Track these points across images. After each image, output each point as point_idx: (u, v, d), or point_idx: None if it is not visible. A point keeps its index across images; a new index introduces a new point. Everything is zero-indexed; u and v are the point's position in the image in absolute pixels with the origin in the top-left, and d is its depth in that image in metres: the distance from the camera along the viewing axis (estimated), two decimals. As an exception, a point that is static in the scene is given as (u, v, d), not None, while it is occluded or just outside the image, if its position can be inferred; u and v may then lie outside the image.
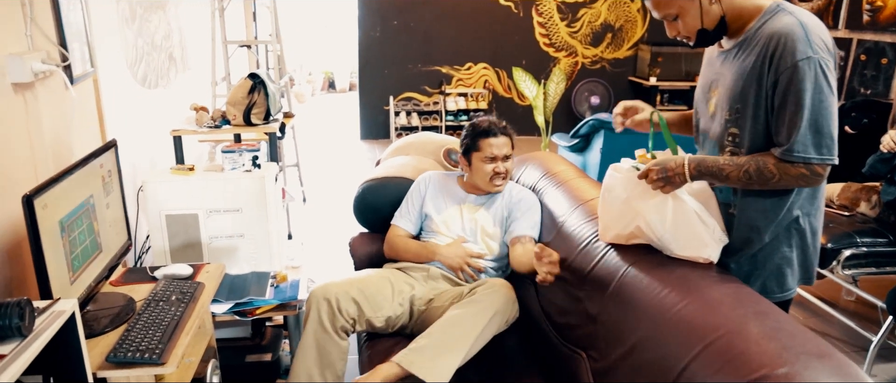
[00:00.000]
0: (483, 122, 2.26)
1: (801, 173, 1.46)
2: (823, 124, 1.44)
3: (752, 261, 1.66)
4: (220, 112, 2.64)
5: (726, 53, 1.61)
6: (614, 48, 7.16)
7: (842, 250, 2.55)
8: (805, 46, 1.42)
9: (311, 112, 9.52)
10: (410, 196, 2.41)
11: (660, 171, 1.58)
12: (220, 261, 2.40)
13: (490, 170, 2.23)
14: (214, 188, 2.33)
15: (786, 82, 1.44)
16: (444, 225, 2.30)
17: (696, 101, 1.79)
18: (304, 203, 4.87)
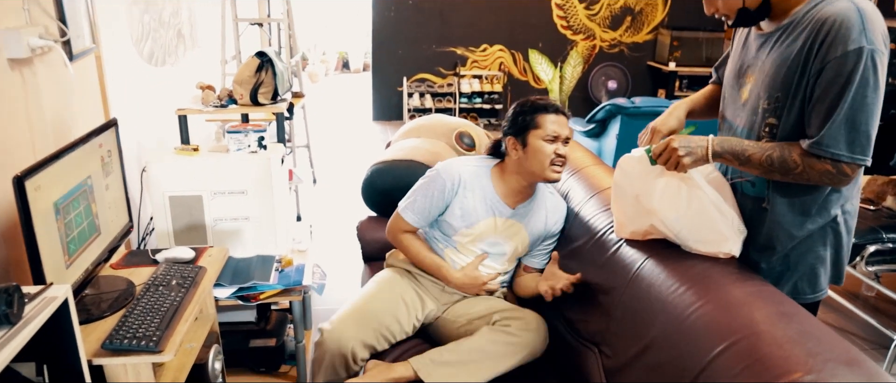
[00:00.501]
0: (538, 99, 1.92)
1: (827, 170, 1.36)
2: (861, 121, 1.32)
3: (784, 260, 1.56)
4: (227, 91, 2.58)
5: (766, 37, 1.49)
6: (633, 32, 7.01)
7: (866, 246, 2.45)
8: (859, 35, 1.29)
9: (324, 92, 9.46)
10: (431, 192, 1.94)
11: (682, 142, 1.48)
12: (225, 243, 2.35)
13: (551, 152, 1.84)
14: (219, 169, 2.28)
15: (832, 72, 1.32)
16: (471, 241, 1.97)
17: (724, 87, 1.69)
18: (315, 184, 4.82)
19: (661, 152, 1.51)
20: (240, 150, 2.32)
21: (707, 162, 1.48)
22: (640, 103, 3.90)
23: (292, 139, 4.08)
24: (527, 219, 1.97)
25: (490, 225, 1.95)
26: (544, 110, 1.86)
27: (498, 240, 1.97)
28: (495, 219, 1.95)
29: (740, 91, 1.57)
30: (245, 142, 2.31)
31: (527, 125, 1.86)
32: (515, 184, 1.94)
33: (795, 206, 1.50)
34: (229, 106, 2.52)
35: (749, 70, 1.54)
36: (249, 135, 2.31)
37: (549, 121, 1.85)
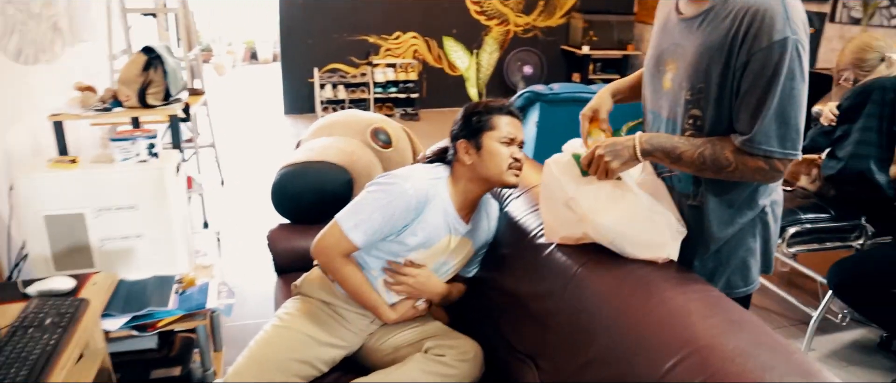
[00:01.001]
0: (490, 101, 1.77)
1: (759, 167, 1.31)
2: (791, 115, 1.28)
3: (716, 257, 1.51)
4: (111, 92, 2.29)
5: (688, 22, 1.41)
6: (547, 16, 7.00)
7: (787, 228, 2.47)
8: (784, 25, 1.24)
9: (231, 85, 9.01)
10: (393, 210, 1.64)
11: (608, 147, 1.40)
12: (114, 265, 2.09)
13: (508, 155, 1.68)
14: (103, 182, 2.01)
15: (758, 65, 1.26)
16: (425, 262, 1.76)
17: (644, 73, 1.61)
18: (223, 186, 4.52)
19: (589, 161, 1.44)
20: (127, 160, 2.06)
21: (636, 161, 1.41)
22: (559, 89, 3.84)
23: (195, 139, 3.78)
24: (475, 233, 1.82)
25: (444, 245, 1.74)
26: (499, 111, 1.72)
27: (447, 260, 1.78)
28: (451, 237, 1.75)
29: (662, 78, 1.50)
30: (132, 151, 2.05)
31: (481, 127, 1.70)
32: (469, 194, 1.75)
33: (725, 201, 1.46)
34: (114, 109, 2.24)
35: (671, 56, 1.46)
36: (137, 142, 2.05)
37: (504, 123, 1.70)
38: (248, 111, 7.06)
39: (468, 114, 1.75)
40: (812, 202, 2.60)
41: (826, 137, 2.61)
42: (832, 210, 2.55)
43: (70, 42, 3.18)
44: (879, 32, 4.37)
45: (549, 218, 1.57)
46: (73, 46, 3.22)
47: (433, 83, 6.86)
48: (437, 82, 6.84)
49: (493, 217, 1.88)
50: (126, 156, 2.05)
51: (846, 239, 2.58)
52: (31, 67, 2.63)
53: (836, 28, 4.90)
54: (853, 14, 4.74)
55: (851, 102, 2.47)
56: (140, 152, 2.06)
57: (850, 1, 4.75)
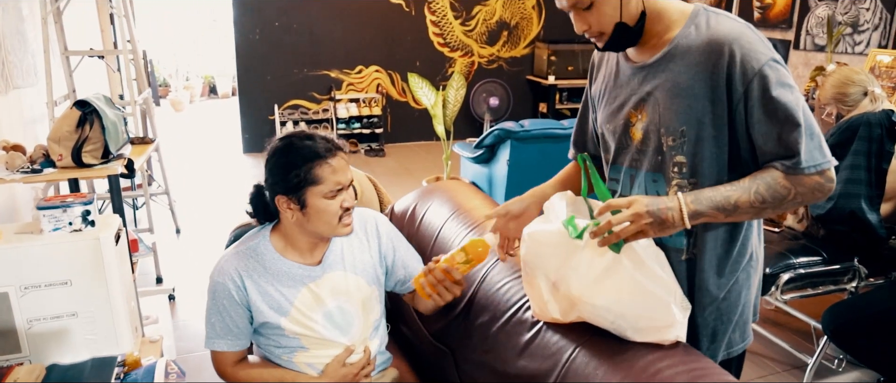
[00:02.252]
0: (309, 140, 1.49)
1: (817, 183, 1.22)
2: (812, 124, 1.22)
3: (716, 313, 1.39)
4: (42, 150, 2.06)
5: (648, 67, 1.31)
6: (511, 46, 6.93)
7: (779, 274, 2.35)
8: (765, 47, 1.21)
9: (189, 122, 8.71)
10: (219, 305, 1.58)
11: (650, 207, 1.20)
12: (45, 349, 1.85)
13: (338, 209, 1.50)
14: (31, 256, 1.77)
15: (759, 91, 1.19)
16: (304, 327, 1.58)
17: (602, 135, 1.47)
18: (178, 236, 4.25)
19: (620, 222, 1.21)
20: (58, 230, 1.82)
21: (681, 227, 1.22)
22: (530, 126, 3.71)
23: (144, 186, 3.53)
24: (345, 262, 1.63)
25: (310, 297, 1.58)
26: (320, 157, 1.47)
27: (335, 306, 1.60)
28: (309, 287, 1.58)
29: (628, 132, 1.37)
30: (64, 219, 1.82)
31: (301, 183, 1.47)
32: (306, 241, 1.59)
33: (720, 250, 1.35)
34: (45, 170, 2.01)
35: (635, 106, 1.34)
36: (70, 209, 1.82)
37: (328, 173, 1.47)
38: (205, 150, 6.79)
39: (284, 166, 1.49)
40: (802, 244, 2.49)
41: (812, 175, 2.50)
42: (824, 252, 2.44)
43: (2, 90, 2.92)
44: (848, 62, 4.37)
45: (535, 296, 1.39)
46: (5, 94, 2.96)
47: (398, 117, 6.70)
48: (403, 116, 6.69)
49: (371, 232, 1.71)
50: (57, 226, 1.82)
51: (839, 282, 2.47)
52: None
53: (801, 55, 4.91)
54: (817, 41, 4.75)
55: (837, 139, 2.38)
56: (73, 220, 1.83)
57: (814, 28, 4.76)
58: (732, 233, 1.34)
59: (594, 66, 1.52)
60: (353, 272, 1.63)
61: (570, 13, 1.29)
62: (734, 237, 1.35)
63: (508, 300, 1.56)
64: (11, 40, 3.10)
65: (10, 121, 3.02)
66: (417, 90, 4.21)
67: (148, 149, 2.74)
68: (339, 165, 1.49)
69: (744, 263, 1.38)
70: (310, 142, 1.48)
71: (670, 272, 1.31)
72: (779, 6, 5.03)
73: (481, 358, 1.58)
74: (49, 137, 1.99)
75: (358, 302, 1.62)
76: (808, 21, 4.80)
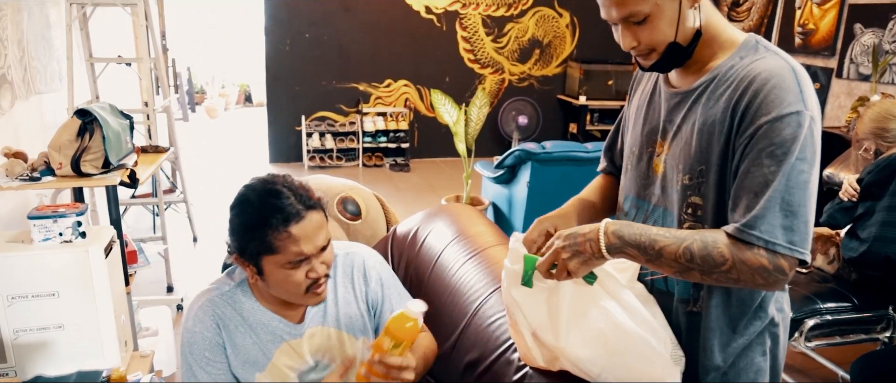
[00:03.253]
0: (273, 197, 1.26)
1: (762, 265, 1.04)
2: (799, 202, 1.04)
3: (722, 377, 1.24)
4: (44, 157, 2.04)
5: (683, 95, 1.19)
6: (542, 65, 6.83)
7: (804, 320, 2.19)
8: (796, 98, 1.04)
9: (221, 129, 8.81)
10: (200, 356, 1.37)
11: (568, 239, 1.12)
12: (31, 360, 1.82)
13: (303, 278, 1.29)
14: (17, 266, 1.75)
15: (764, 141, 1.04)
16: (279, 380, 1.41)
17: (626, 158, 1.36)
18: (195, 244, 4.24)
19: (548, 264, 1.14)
20: (48, 240, 1.80)
21: (601, 260, 1.12)
22: (552, 148, 3.61)
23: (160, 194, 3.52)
24: (328, 318, 1.45)
25: (290, 353, 1.40)
26: (281, 223, 1.24)
27: (320, 358, 1.44)
28: (290, 343, 1.40)
29: (651, 163, 1.26)
30: (54, 230, 1.78)
31: (256, 250, 1.27)
32: (280, 299, 1.40)
33: (732, 307, 1.20)
34: (44, 178, 1.99)
35: (661, 135, 1.23)
36: (61, 220, 1.79)
37: (288, 243, 1.24)
38: (233, 158, 6.83)
39: (237, 226, 1.29)
40: (830, 287, 2.33)
41: (846, 214, 2.34)
42: (854, 298, 2.28)
43: (23, 95, 2.95)
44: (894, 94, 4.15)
45: (520, 342, 1.29)
46: (26, 99, 2.98)
47: (425, 132, 6.65)
48: (430, 132, 6.63)
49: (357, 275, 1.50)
50: (47, 236, 1.79)
51: (871, 331, 2.30)
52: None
53: (843, 84, 4.69)
54: (862, 70, 4.53)
55: (875, 177, 2.22)
56: (63, 231, 1.80)
57: (859, 56, 4.55)
58: (749, 293, 1.19)
59: (635, 81, 1.41)
60: (339, 327, 1.46)
61: (616, 26, 1.16)
62: (749, 296, 1.19)
63: (498, 338, 1.47)
64: (36, 46, 3.13)
65: (31, 125, 3.04)
66: (440, 106, 4.14)
67: (160, 159, 2.72)
68: (306, 231, 1.25)
69: (761, 325, 1.22)
70: (273, 199, 1.25)
71: (661, 315, 1.20)
72: (821, 32, 4.83)
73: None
74: (50, 145, 1.98)
75: (339, 356, 1.45)
76: (853, 49, 4.59)
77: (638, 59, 1.19)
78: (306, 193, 1.29)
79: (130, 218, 4.49)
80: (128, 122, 2.26)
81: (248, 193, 1.29)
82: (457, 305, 1.69)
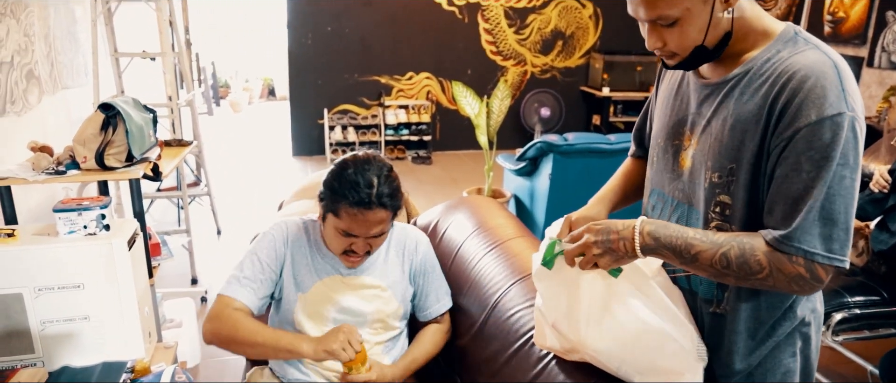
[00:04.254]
0: (360, 175, 1.46)
1: (799, 274, 1.01)
2: (839, 210, 1.00)
3: (748, 379, 1.21)
4: (70, 151, 2.07)
5: (713, 88, 1.14)
6: (565, 56, 6.77)
7: (831, 313, 2.14)
8: (838, 98, 0.98)
9: (245, 123, 8.89)
10: (258, 253, 1.61)
11: (600, 235, 1.11)
12: (58, 351, 1.85)
13: (341, 246, 1.53)
14: (45, 259, 1.78)
15: (803, 144, 0.99)
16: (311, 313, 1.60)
17: (651, 150, 1.33)
18: (219, 237, 4.29)
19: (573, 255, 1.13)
20: (73, 233, 1.82)
21: (633, 259, 1.10)
22: (574, 140, 3.57)
23: (183, 188, 3.56)
24: (377, 270, 1.65)
25: (331, 284, 1.60)
26: (350, 202, 1.45)
27: (350, 303, 1.60)
28: (334, 277, 1.61)
29: (678, 157, 1.22)
30: (79, 222, 1.81)
31: (328, 204, 1.51)
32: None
33: (760, 309, 1.16)
34: (69, 171, 2.02)
35: (690, 128, 1.19)
36: (85, 213, 1.82)
37: (348, 216, 1.47)
38: (256, 151, 6.89)
39: (330, 179, 1.51)
40: (859, 281, 2.27)
41: (876, 206, 2.29)
42: (884, 291, 2.22)
43: (50, 90, 2.99)
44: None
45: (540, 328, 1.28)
46: (53, 95, 3.03)
47: (447, 125, 6.64)
48: (452, 124, 6.62)
49: (408, 246, 1.70)
50: (72, 229, 1.82)
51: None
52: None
53: (874, 73, 4.58)
54: (894, 58, 4.41)
55: (906, 168, 2.16)
56: (88, 224, 1.82)
57: (891, 44, 4.43)
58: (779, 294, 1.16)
59: (663, 68, 1.36)
60: (385, 282, 1.64)
61: (643, 25, 1.12)
62: (778, 298, 1.16)
63: (517, 330, 1.46)
64: (62, 41, 3.18)
65: (58, 120, 3.09)
66: (461, 99, 4.13)
67: (183, 152, 2.74)
68: (366, 219, 1.46)
69: (791, 326, 1.19)
70: (360, 179, 1.45)
71: (685, 306, 1.17)
72: (852, 20, 4.71)
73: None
74: (74, 139, 2.01)
75: (373, 310, 1.62)
76: (885, 36, 4.47)
77: (662, 57, 1.17)
78: (391, 192, 1.48)
79: (156, 211, 4.55)
80: (151, 116, 2.28)
81: (351, 162, 1.50)
82: (477, 297, 1.68)
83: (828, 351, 2.82)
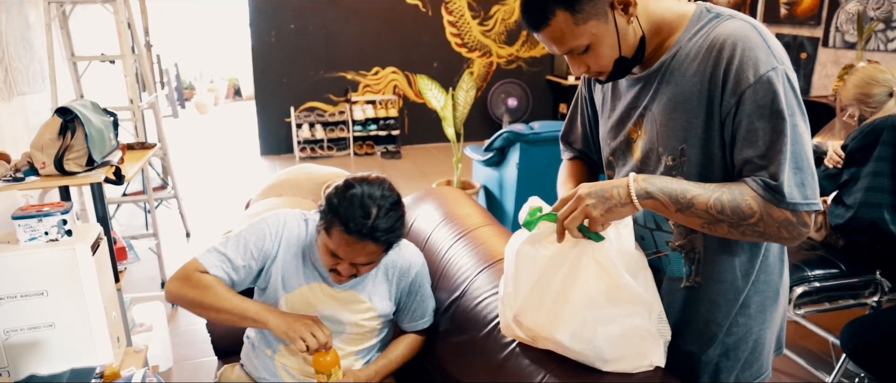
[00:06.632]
0: (359, 204, 1.40)
1: (786, 218, 1.05)
2: (803, 157, 1.06)
3: (722, 347, 1.25)
4: (27, 158, 2.03)
5: (645, 79, 1.18)
6: (530, 46, 6.81)
7: (793, 287, 2.21)
8: (767, 55, 1.04)
9: (212, 124, 8.77)
10: (248, 236, 1.57)
11: (594, 187, 1.10)
12: (24, 359, 1.82)
13: (326, 264, 1.51)
14: (6, 267, 1.74)
15: (751, 105, 1.04)
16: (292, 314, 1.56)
17: (603, 149, 1.36)
18: (188, 240, 4.24)
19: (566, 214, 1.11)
20: (34, 239, 1.79)
21: (629, 208, 1.10)
22: (539, 129, 3.61)
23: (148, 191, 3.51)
24: (364, 284, 1.60)
25: (319, 292, 1.58)
26: (344, 227, 1.40)
27: (331, 312, 1.58)
28: (320, 285, 1.58)
29: (630, 148, 1.25)
30: (39, 229, 1.78)
31: (324, 220, 1.45)
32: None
33: (733, 281, 1.21)
34: (28, 178, 1.99)
35: (635, 123, 1.22)
36: (46, 219, 1.79)
37: (338, 239, 1.42)
38: (224, 152, 6.81)
39: (331, 196, 1.46)
40: (819, 255, 2.34)
41: (831, 181, 2.35)
42: (842, 264, 2.29)
43: (5, 97, 2.92)
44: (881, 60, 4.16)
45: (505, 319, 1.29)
46: (9, 101, 2.96)
47: (415, 119, 6.64)
48: (420, 118, 6.62)
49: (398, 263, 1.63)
50: (32, 236, 1.78)
51: (859, 295, 2.32)
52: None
53: (830, 53, 4.70)
54: (847, 38, 4.54)
55: (859, 143, 2.23)
56: (49, 230, 1.79)
57: (844, 24, 4.56)
58: (743, 257, 1.20)
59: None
60: (370, 299, 1.60)
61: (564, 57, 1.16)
62: (748, 268, 1.20)
63: (485, 316, 1.48)
64: (17, 47, 3.10)
65: (14, 127, 3.02)
66: (426, 92, 4.14)
67: (146, 155, 2.70)
68: (354, 249, 1.42)
69: (758, 295, 1.23)
70: (360, 209, 1.40)
71: (650, 282, 1.19)
72: (806, 2, 4.83)
73: (459, 376, 1.50)
74: (32, 145, 1.97)
75: (351, 321, 1.59)
76: (838, 17, 4.59)
77: (592, 77, 1.21)
78: (389, 227, 1.42)
79: (123, 216, 4.48)
80: (111, 120, 2.25)
81: (359, 183, 1.45)
82: (446, 286, 1.70)
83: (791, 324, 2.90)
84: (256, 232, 1.57)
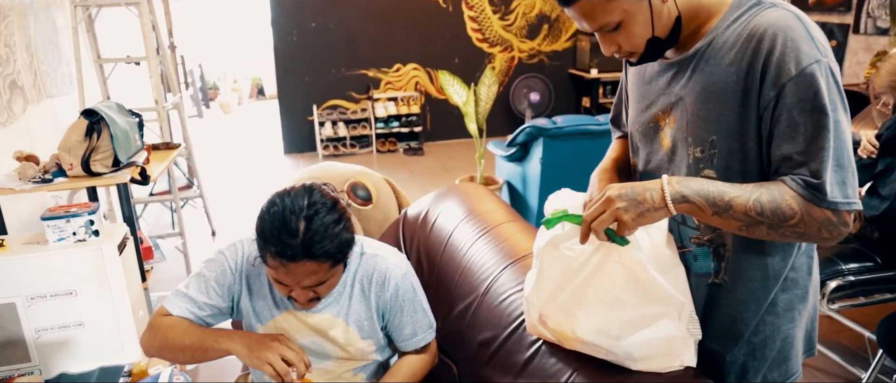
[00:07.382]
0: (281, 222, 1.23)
1: (827, 218, 1.01)
2: (845, 153, 1.02)
3: (748, 346, 1.22)
4: (56, 159, 2.06)
5: (679, 64, 1.15)
6: (552, 40, 6.75)
7: (826, 282, 2.15)
8: (810, 47, 1.00)
9: (236, 124, 8.85)
10: (207, 272, 1.46)
11: (624, 189, 1.05)
12: (54, 358, 1.85)
13: (282, 292, 1.36)
14: (36, 267, 1.78)
15: (792, 98, 1.00)
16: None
17: (632, 136, 1.33)
18: (213, 238, 4.28)
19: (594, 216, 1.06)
20: (62, 240, 1.82)
21: (664, 213, 1.05)
22: (563, 123, 3.57)
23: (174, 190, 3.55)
24: (339, 305, 1.46)
25: (293, 321, 1.46)
26: (271, 252, 1.24)
27: (310, 342, 1.47)
28: (293, 313, 1.45)
29: (658, 136, 1.22)
30: (67, 230, 1.81)
31: (259, 250, 1.30)
32: None
33: (758, 277, 1.17)
34: (56, 179, 2.01)
35: (664, 109, 1.19)
36: (74, 220, 1.81)
37: (273, 265, 1.26)
38: (248, 151, 6.87)
39: (258, 220, 1.30)
40: (853, 248, 2.28)
41: (865, 171, 2.29)
42: (878, 257, 2.23)
43: (34, 99, 2.97)
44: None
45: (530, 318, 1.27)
46: (38, 103, 3.01)
47: (437, 115, 6.62)
48: (442, 114, 6.60)
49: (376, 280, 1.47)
50: (61, 236, 1.81)
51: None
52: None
53: (861, 40, 4.58)
54: (879, 24, 4.42)
55: (894, 132, 2.16)
56: (77, 231, 1.82)
57: (876, 10, 4.43)
58: (773, 255, 1.16)
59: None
60: (348, 319, 1.47)
61: (594, 35, 1.13)
62: (779, 267, 1.16)
63: (509, 314, 1.46)
64: (45, 51, 3.15)
65: (45, 129, 3.08)
66: (448, 88, 4.12)
67: (172, 155, 2.73)
68: (292, 272, 1.25)
69: (790, 295, 1.20)
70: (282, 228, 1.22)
71: (681, 280, 1.15)
72: (836, -12, 4.71)
73: (483, 375, 1.48)
74: (60, 146, 2.00)
75: (333, 348, 1.49)
76: (870, 2, 4.47)
77: (624, 58, 1.17)
78: (324, 238, 1.23)
79: (150, 216, 4.54)
80: (136, 121, 2.27)
81: (279, 199, 1.28)
82: (469, 284, 1.68)
83: (825, 319, 2.84)
84: (216, 268, 1.46)
